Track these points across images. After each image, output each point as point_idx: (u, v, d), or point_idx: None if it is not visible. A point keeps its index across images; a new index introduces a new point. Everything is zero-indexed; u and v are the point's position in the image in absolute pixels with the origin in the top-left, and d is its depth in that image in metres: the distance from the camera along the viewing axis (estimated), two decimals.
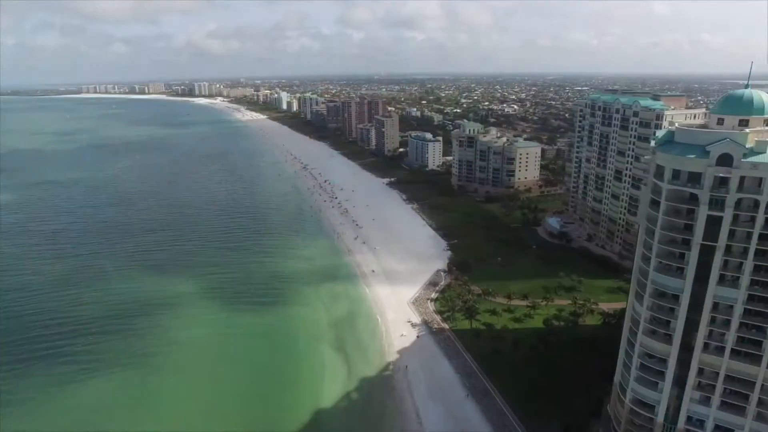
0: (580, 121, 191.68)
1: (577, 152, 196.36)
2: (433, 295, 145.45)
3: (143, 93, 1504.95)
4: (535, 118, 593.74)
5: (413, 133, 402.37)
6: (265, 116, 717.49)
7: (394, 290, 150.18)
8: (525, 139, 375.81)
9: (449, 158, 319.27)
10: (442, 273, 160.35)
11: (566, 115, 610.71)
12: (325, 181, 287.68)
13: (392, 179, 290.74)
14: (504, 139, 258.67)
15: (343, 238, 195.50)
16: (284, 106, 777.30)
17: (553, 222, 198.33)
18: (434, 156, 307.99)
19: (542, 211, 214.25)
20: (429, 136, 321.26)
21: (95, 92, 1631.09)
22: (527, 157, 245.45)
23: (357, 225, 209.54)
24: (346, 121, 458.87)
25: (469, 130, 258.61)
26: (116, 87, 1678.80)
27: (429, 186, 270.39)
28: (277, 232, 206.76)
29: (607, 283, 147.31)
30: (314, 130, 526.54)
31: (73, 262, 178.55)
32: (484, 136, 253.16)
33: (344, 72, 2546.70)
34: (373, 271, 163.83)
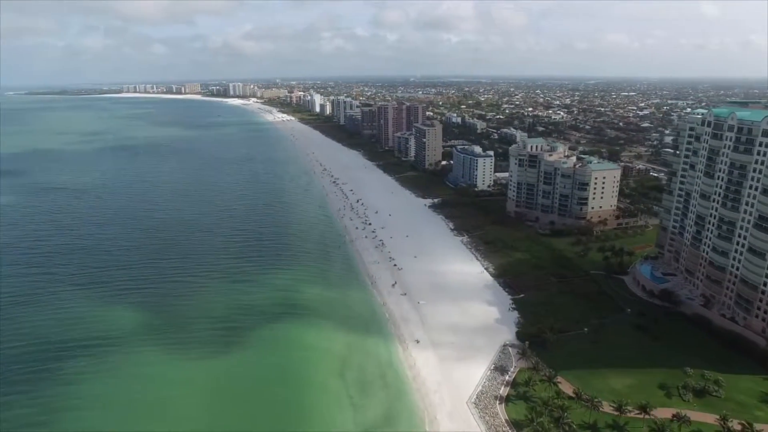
0: (690, 143, 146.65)
1: (683, 183, 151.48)
2: (503, 391, 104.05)
3: (180, 93, 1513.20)
4: (587, 126, 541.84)
5: (458, 145, 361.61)
6: (296, 119, 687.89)
7: (447, 377, 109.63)
8: (582, 152, 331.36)
9: (501, 175, 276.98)
10: (509, 350, 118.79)
11: (620, 123, 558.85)
12: (358, 201, 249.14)
13: (435, 200, 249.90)
14: (573, 158, 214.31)
15: (378, 285, 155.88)
16: (317, 109, 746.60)
17: (646, 271, 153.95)
18: (485, 174, 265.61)
19: (629, 254, 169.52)
20: (478, 149, 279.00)
21: (135, 92, 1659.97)
22: (604, 182, 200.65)
23: (395, 265, 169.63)
24: (382, 127, 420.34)
25: (531, 147, 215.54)
26: (155, 87, 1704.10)
27: (479, 212, 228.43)
28: (296, 272, 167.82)
29: (757, 384, 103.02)
30: (347, 136, 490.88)
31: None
32: (550, 155, 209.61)
33: (378, 74, 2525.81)
34: (417, 341, 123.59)
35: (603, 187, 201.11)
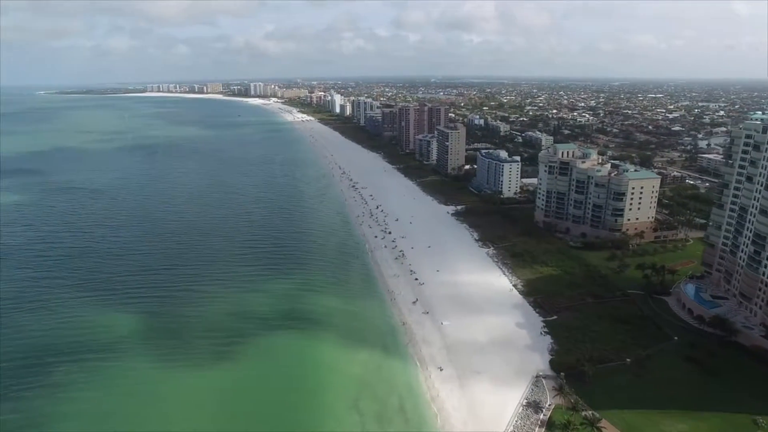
0: (746, 152, 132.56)
1: (737, 196, 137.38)
2: None
3: (202, 92, 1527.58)
4: (615, 130, 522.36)
5: (482, 149, 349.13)
6: (315, 119, 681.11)
7: (474, 413, 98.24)
8: (611, 157, 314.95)
9: (527, 181, 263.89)
10: (543, 382, 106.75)
11: (650, 126, 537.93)
12: (378, 207, 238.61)
13: (458, 207, 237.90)
14: (608, 166, 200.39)
15: (398, 301, 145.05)
16: (337, 110, 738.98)
17: (692, 292, 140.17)
18: (511, 180, 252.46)
19: (671, 272, 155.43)
20: (503, 154, 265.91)
21: (158, 91, 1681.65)
22: (641, 193, 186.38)
23: (417, 279, 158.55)
24: (403, 129, 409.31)
25: (562, 153, 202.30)
26: (177, 86, 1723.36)
27: (505, 220, 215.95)
28: (312, 283, 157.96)
29: None
30: (367, 137, 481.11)
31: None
32: (583, 162, 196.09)
33: (400, 74, 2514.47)
34: (441, 369, 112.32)
35: (640, 198, 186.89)
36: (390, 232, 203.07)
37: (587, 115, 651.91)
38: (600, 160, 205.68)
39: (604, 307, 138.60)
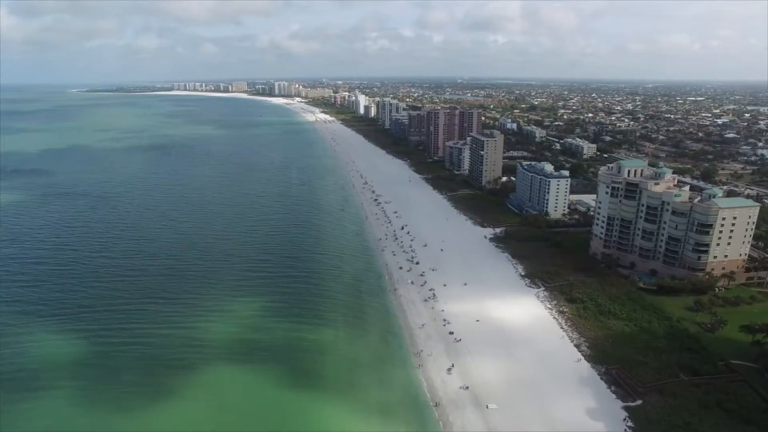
0: None
1: None
2: None
3: (227, 91, 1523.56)
4: (661, 136, 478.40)
5: (517, 156, 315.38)
6: (338, 121, 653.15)
7: None
8: (670, 169, 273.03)
9: (575, 198, 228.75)
10: None
11: (699, 133, 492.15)
12: (403, 228, 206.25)
13: (497, 230, 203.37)
14: (686, 189, 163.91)
15: (428, 367, 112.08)
16: (361, 111, 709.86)
17: None
18: (558, 199, 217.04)
19: None
20: (548, 167, 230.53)
21: (185, 89, 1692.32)
22: (733, 224, 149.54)
23: (452, 334, 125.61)
24: (431, 134, 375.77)
25: (629, 172, 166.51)
26: (203, 85, 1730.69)
27: (555, 250, 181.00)
28: (321, 327, 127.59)
29: None
30: (392, 142, 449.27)
31: None
32: (656, 184, 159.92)
33: (425, 74, 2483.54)
34: None
35: (731, 230, 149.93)
36: (417, 262, 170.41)
37: (626, 120, 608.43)
38: (675, 181, 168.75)
39: (706, 389, 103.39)
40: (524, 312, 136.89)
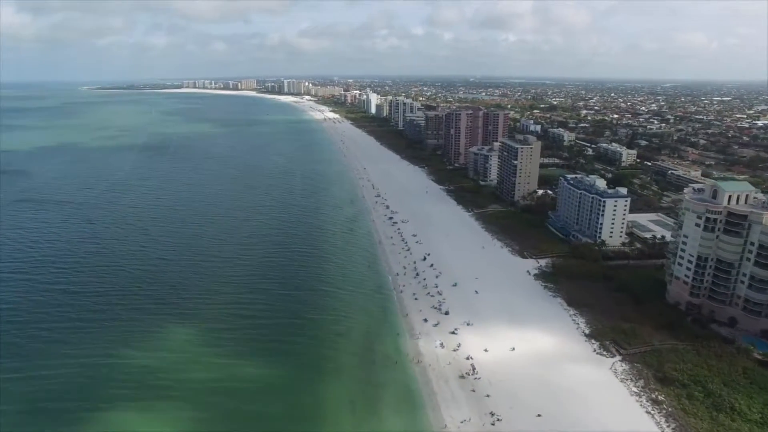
0: None
1: None
2: None
3: (236, 89, 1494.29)
4: (702, 141, 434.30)
5: (550, 165, 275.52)
6: (348, 121, 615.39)
7: None
8: (718, 178, 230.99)
9: (630, 219, 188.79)
10: None
11: (744, 137, 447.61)
12: (425, 258, 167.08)
13: (542, 263, 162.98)
14: None
15: None
16: (373, 110, 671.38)
17: None
18: (615, 222, 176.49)
19: None
20: (600, 182, 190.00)
21: (193, 87, 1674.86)
22: None
23: (493, 415, 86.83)
24: (452, 138, 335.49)
25: (729, 198, 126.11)
26: (213, 82, 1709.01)
27: (621, 295, 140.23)
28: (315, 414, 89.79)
29: None
30: (406, 145, 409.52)
31: None
32: None
33: (435, 73, 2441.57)
34: None
35: None
36: (447, 312, 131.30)
37: (655, 121, 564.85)
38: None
39: None
40: (602, 399, 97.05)
